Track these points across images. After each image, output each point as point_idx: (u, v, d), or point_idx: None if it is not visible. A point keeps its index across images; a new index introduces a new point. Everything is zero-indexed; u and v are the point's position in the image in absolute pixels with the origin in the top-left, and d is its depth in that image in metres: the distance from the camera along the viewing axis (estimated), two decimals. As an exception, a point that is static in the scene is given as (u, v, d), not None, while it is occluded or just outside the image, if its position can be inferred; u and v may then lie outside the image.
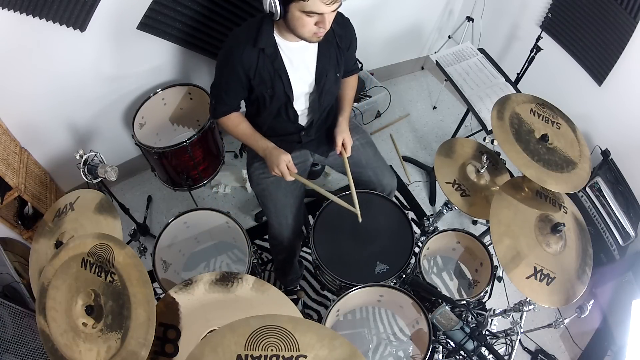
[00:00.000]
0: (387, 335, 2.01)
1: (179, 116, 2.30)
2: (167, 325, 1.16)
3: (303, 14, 1.21)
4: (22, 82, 1.84)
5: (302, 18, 1.23)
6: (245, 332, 0.87)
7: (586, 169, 1.52)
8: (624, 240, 1.98)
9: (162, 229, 1.66)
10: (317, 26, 1.25)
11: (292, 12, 1.23)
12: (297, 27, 1.27)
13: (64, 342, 1.09)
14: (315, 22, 1.24)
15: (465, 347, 1.20)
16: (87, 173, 1.71)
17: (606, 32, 2.04)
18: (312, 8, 1.19)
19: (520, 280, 1.33)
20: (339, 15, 1.45)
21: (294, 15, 1.23)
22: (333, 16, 1.27)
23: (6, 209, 1.93)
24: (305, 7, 1.19)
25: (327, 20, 1.24)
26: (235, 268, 2.19)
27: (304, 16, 1.22)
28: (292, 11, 1.23)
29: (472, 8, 2.76)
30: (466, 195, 1.77)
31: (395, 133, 2.95)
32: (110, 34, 1.86)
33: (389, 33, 2.84)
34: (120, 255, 1.11)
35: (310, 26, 1.25)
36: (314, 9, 1.19)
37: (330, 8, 1.20)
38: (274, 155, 1.48)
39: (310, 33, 1.28)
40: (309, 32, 1.28)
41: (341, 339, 0.88)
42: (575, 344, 2.12)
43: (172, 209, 2.50)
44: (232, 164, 2.65)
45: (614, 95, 2.12)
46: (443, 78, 2.43)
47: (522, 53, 2.26)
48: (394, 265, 1.57)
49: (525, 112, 1.58)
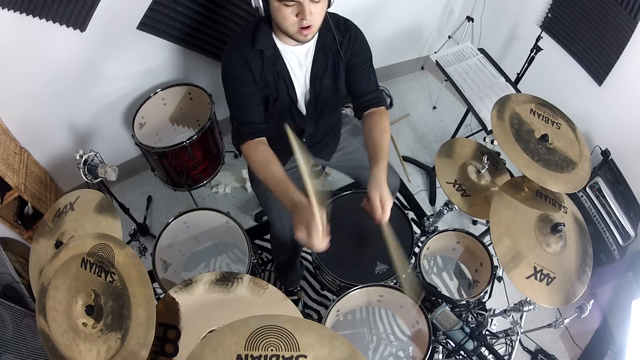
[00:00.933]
0: (387, 335, 2.01)
1: (179, 116, 2.30)
2: (167, 325, 1.16)
3: (281, 5, 1.16)
4: (22, 82, 1.84)
5: (281, 9, 1.17)
6: (245, 332, 0.87)
7: (586, 169, 1.52)
8: (624, 240, 1.98)
9: (162, 229, 1.66)
10: (299, 17, 1.19)
11: (272, 4, 1.18)
12: (280, 20, 1.21)
13: (64, 342, 1.09)
14: (296, 13, 1.18)
15: (465, 347, 1.20)
16: (87, 173, 1.71)
17: (606, 32, 2.04)
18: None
19: (520, 280, 1.33)
20: (342, 22, 1.41)
21: (274, 7, 1.18)
22: (317, 9, 1.20)
23: (6, 209, 1.92)
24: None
25: (308, 11, 1.17)
26: (235, 268, 2.19)
27: (282, 6, 1.17)
28: (271, 2, 1.18)
29: (472, 8, 2.76)
30: (467, 195, 1.77)
31: (395, 133, 2.95)
32: (110, 34, 1.86)
33: (389, 33, 2.84)
34: (120, 255, 1.11)
35: (291, 18, 1.19)
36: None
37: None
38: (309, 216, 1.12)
39: (295, 27, 1.22)
40: (293, 27, 1.21)
41: (341, 339, 0.88)
42: (575, 344, 2.12)
43: (172, 209, 2.50)
44: (232, 164, 2.65)
45: (614, 95, 2.12)
46: (443, 78, 2.43)
47: (522, 53, 2.26)
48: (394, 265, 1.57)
49: (525, 112, 1.58)
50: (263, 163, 1.32)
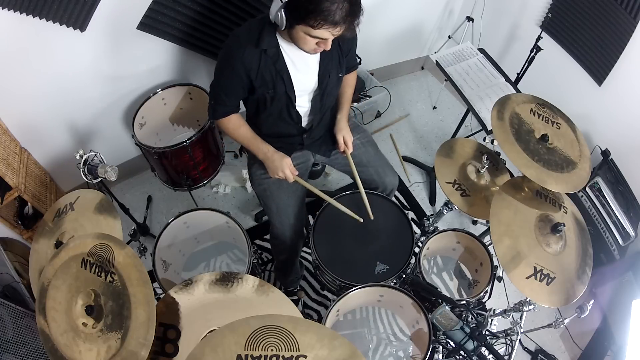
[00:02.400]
0: (387, 335, 2.01)
1: (179, 116, 2.30)
2: (167, 325, 1.16)
3: (307, 35, 1.25)
4: (22, 82, 1.84)
5: (305, 38, 1.26)
6: (245, 332, 0.87)
7: (586, 169, 1.52)
8: (624, 240, 1.98)
9: (162, 229, 1.66)
10: (318, 45, 1.29)
11: (296, 30, 1.26)
12: (299, 43, 1.31)
13: (64, 342, 1.09)
14: (317, 42, 1.28)
15: (465, 347, 1.20)
16: (87, 173, 1.71)
17: (606, 32, 2.04)
18: (317, 34, 1.23)
19: (520, 280, 1.33)
20: None
21: (298, 34, 1.26)
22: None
23: (6, 209, 1.92)
24: (311, 33, 1.22)
25: (330, 43, 1.28)
26: (235, 268, 2.19)
27: (308, 37, 1.25)
28: (296, 29, 1.25)
29: (472, 8, 2.76)
30: (466, 195, 1.76)
31: (395, 133, 2.95)
32: (110, 34, 1.86)
33: (389, 33, 2.84)
34: (120, 255, 1.11)
35: (311, 45, 1.29)
36: (319, 35, 1.23)
37: (335, 34, 1.24)
38: (276, 160, 1.51)
39: (310, 49, 1.31)
40: (309, 48, 1.31)
41: (341, 339, 0.88)
42: (575, 344, 2.12)
43: (172, 209, 2.50)
44: (232, 164, 2.65)
45: (614, 95, 2.12)
46: (443, 78, 2.43)
47: (522, 53, 2.26)
48: (394, 265, 1.57)
49: (525, 112, 1.58)
50: (235, 128, 1.57)
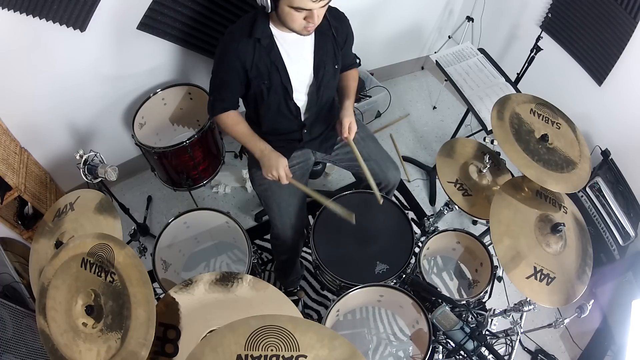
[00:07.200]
0: (387, 335, 2.01)
1: (179, 116, 2.30)
2: (167, 325, 1.16)
3: (292, 10, 1.25)
4: (22, 82, 1.84)
5: (292, 13, 1.26)
6: (245, 332, 0.87)
7: (586, 169, 1.52)
8: (624, 240, 1.98)
9: (162, 229, 1.66)
10: (307, 21, 1.29)
11: (281, 8, 1.27)
12: (288, 21, 1.31)
13: (64, 342, 1.09)
14: (304, 16, 1.28)
15: (465, 347, 1.20)
16: (87, 173, 1.70)
17: (606, 32, 2.04)
18: (299, 4, 1.23)
19: (520, 280, 1.33)
20: (334, 9, 1.49)
21: (284, 11, 1.27)
22: (323, 12, 1.30)
23: (6, 209, 1.92)
24: (293, 3, 1.23)
25: (316, 15, 1.28)
26: (235, 268, 2.19)
27: (293, 11, 1.26)
28: (281, 7, 1.27)
29: (472, 8, 2.76)
30: (468, 195, 1.77)
31: (395, 133, 2.95)
32: (110, 34, 1.86)
33: (389, 33, 2.84)
34: (120, 255, 1.11)
35: (300, 20, 1.29)
36: (301, 4, 1.23)
37: (317, 5, 1.24)
38: (272, 158, 1.49)
39: (301, 27, 1.32)
40: (299, 26, 1.31)
41: (341, 339, 0.88)
42: (575, 344, 2.12)
43: (172, 209, 2.50)
44: (232, 164, 2.65)
45: (614, 95, 2.12)
46: (443, 78, 2.43)
47: (522, 53, 2.26)
48: (394, 265, 1.57)
49: (525, 112, 1.58)
50: (233, 124, 1.56)
